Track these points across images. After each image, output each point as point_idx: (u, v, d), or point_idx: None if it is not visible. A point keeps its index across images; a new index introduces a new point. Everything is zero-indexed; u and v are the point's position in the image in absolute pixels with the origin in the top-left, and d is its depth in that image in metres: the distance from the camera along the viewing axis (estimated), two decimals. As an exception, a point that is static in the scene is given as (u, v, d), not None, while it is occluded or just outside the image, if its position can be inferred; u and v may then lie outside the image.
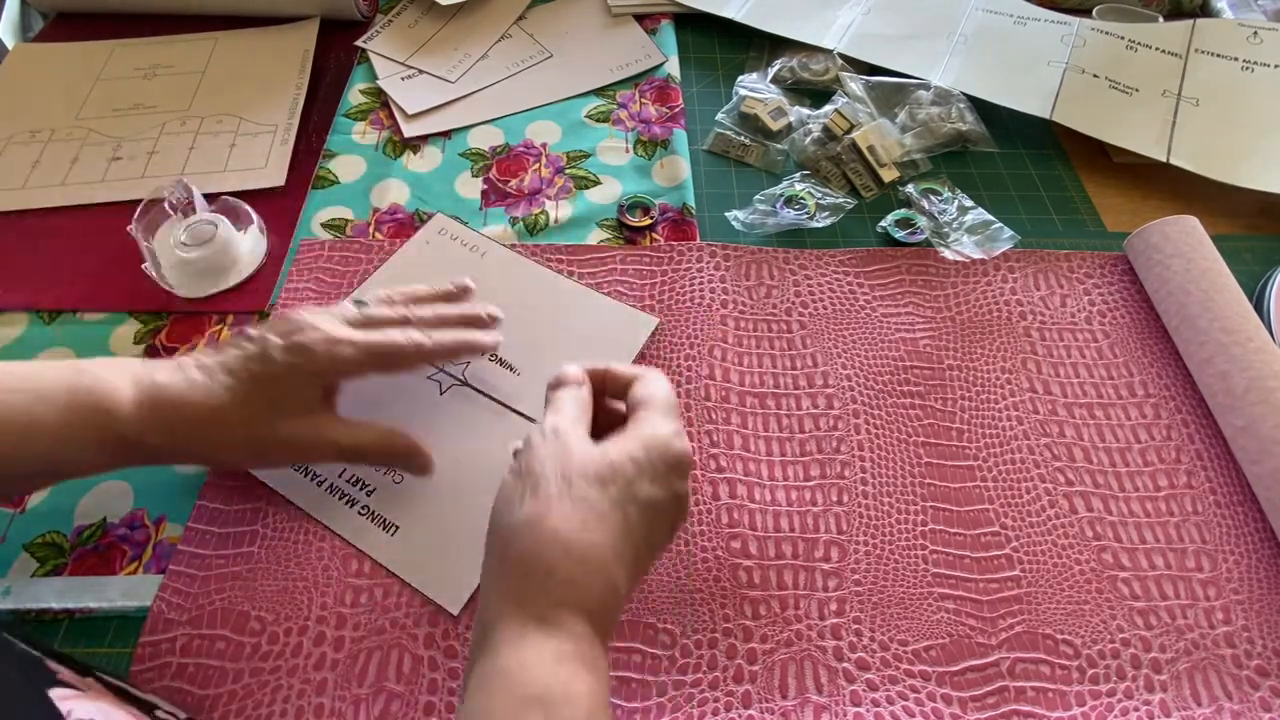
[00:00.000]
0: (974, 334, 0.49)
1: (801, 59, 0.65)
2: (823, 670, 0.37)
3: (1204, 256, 0.48)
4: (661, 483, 0.30)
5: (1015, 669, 0.37)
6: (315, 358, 0.35)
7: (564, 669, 0.25)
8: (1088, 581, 0.40)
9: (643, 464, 0.30)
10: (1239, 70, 0.60)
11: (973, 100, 0.61)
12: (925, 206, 0.55)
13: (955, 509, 0.42)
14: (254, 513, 0.41)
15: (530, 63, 0.67)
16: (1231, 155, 0.56)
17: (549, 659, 0.25)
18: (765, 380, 0.47)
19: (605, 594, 0.27)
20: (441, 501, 0.41)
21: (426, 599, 0.38)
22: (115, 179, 0.57)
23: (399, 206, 0.56)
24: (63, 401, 0.32)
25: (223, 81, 0.65)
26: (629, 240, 0.54)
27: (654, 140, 0.60)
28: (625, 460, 0.30)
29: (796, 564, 0.40)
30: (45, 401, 0.32)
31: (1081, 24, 0.66)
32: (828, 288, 0.51)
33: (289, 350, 0.35)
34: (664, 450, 0.30)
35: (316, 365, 0.35)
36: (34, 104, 0.63)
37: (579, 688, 0.24)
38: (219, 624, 0.37)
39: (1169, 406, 0.46)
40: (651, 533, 0.30)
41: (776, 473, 0.43)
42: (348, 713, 0.35)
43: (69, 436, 0.32)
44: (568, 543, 0.27)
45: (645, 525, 0.29)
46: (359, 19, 0.70)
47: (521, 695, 0.24)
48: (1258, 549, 0.41)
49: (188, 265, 0.49)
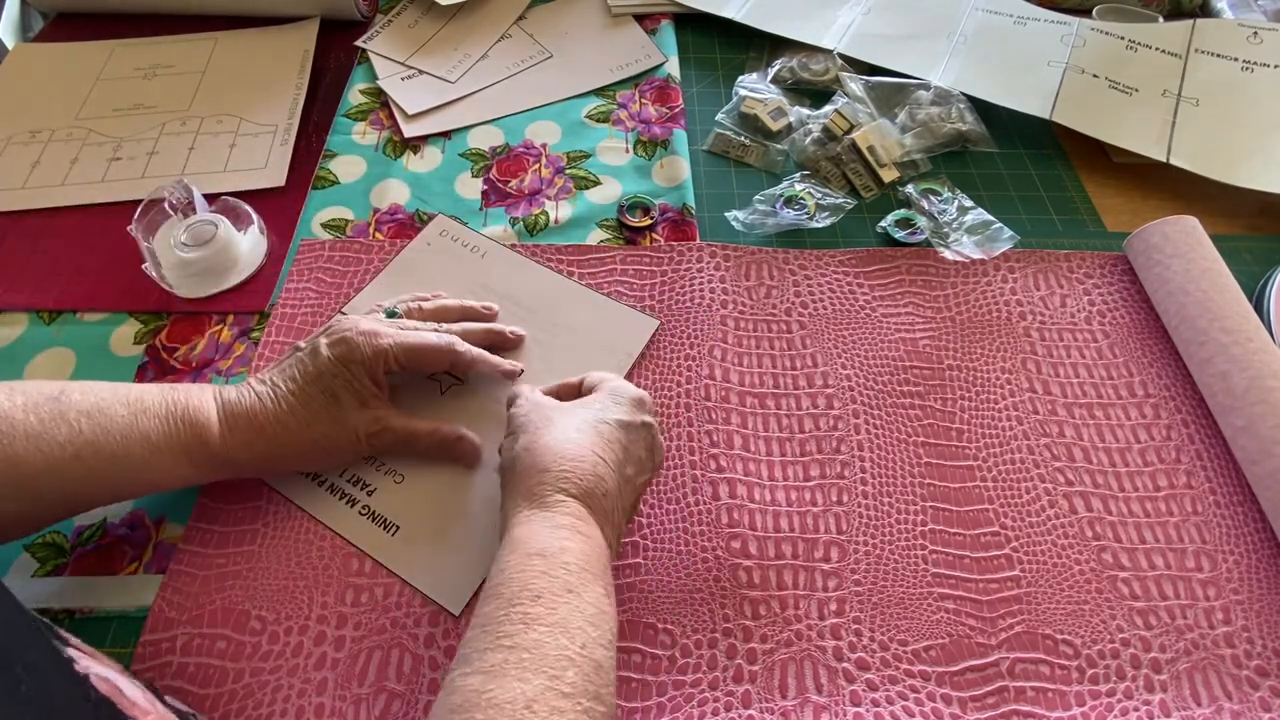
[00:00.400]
0: (974, 334, 0.49)
1: (801, 59, 0.65)
2: (823, 670, 0.37)
3: (1204, 256, 0.48)
4: (626, 410, 0.37)
5: (1015, 669, 0.37)
6: (358, 347, 0.39)
7: (560, 533, 0.31)
8: (1087, 581, 0.40)
9: (608, 401, 0.37)
10: (1239, 70, 0.60)
11: (973, 100, 0.61)
12: (925, 206, 0.55)
13: (955, 509, 0.42)
14: (255, 512, 0.41)
15: (530, 63, 0.67)
16: (1231, 155, 0.56)
17: (548, 527, 0.31)
18: (765, 380, 0.47)
19: (592, 481, 0.33)
20: (442, 501, 0.42)
21: (427, 599, 0.38)
22: (115, 179, 0.57)
23: (399, 207, 0.56)
24: (163, 414, 0.36)
25: (223, 81, 0.65)
26: (629, 240, 0.54)
27: (654, 140, 0.60)
28: (593, 400, 0.38)
29: (796, 564, 0.40)
30: (147, 414, 0.35)
31: (1081, 24, 0.66)
32: (828, 288, 0.51)
33: (333, 345, 0.39)
34: (623, 390, 0.38)
35: (360, 355, 0.39)
36: (34, 104, 0.63)
37: (571, 546, 0.31)
38: (219, 623, 0.37)
39: (1169, 406, 0.46)
40: (630, 445, 0.36)
41: (776, 473, 0.43)
42: (348, 712, 0.35)
43: (165, 448, 0.35)
44: (555, 449, 0.34)
45: (622, 437, 0.36)
46: (359, 19, 0.70)
47: (525, 552, 0.30)
48: (1258, 549, 0.41)
49: (188, 265, 0.49)
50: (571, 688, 0.26)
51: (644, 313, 0.49)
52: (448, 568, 0.39)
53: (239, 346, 0.48)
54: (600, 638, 0.29)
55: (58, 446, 0.33)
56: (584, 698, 0.26)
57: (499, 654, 0.27)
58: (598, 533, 0.33)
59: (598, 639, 0.28)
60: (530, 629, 0.27)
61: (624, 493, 0.35)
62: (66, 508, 0.36)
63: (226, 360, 0.47)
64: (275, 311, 0.49)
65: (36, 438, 0.32)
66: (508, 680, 0.26)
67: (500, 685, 0.26)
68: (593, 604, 0.29)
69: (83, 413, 0.34)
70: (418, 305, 0.46)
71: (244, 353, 0.47)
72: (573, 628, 0.28)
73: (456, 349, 0.42)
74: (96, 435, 0.34)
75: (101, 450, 0.34)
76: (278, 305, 0.49)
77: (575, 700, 0.26)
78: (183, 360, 0.47)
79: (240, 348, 0.48)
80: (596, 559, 0.31)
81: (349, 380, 0.39)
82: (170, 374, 0.46)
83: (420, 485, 0.42)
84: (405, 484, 0.42)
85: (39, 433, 0.33)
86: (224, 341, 0.48)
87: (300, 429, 0.38)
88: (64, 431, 0.33)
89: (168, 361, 0.47)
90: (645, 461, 0.37)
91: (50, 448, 0.33)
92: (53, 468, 0.33)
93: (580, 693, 0.26)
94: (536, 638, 0.27)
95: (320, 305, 0.49)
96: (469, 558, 0.40)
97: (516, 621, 0.28)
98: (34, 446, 0.32)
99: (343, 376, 0.39)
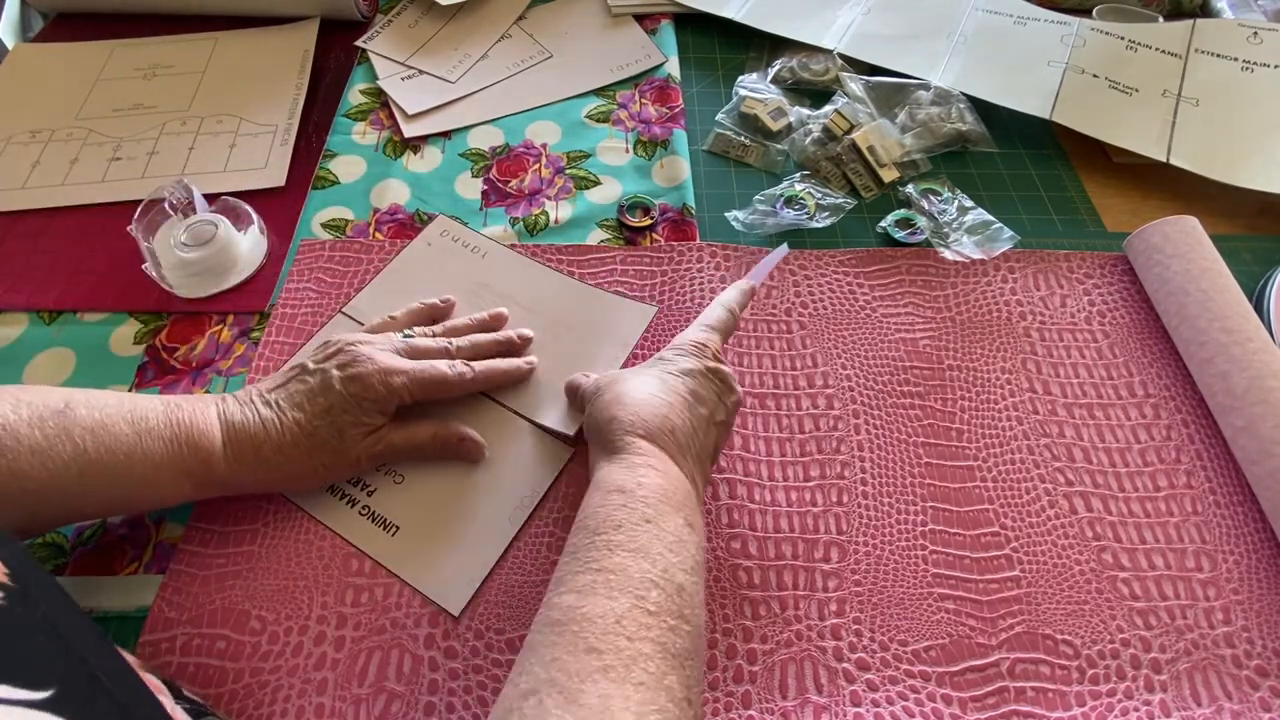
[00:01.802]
0: (974, 334, 0.49)
1: (801, 59, 0.65)
2: (823, 671, 0.37)
3: (1204, 256, 0.48)
4: (687, 358, 0.39)
5: (1015, 669, 0.37)
6: (372, 388, 0.39)
7: (636, 472, 0.33)
8: (1087, 582, 0.40)
9: (668, 354, 0.39)
10: (1239, 70, 0.60)
11: (973, 100, 0.61)
12: (925, 207, 0.55)
13: (955, 509, 0.42)
14: (255, 512, 0.41)
15: (530, 63, 0.67)
16: (1231, 155, 0.56)
17: (624, 468, 0.33)
18: (765, 380, 0.47)
19: (659, 421, 0.35)
20: (442, 502, 0.42)
21: (427, 599, 0.38)
22: (115, 179, 0.57)
23: (399, 207, 0.56)
24: (167, 436, 0.36)
25: (223, 81, 0.65)
26: (629, 240, 0.54)
27: (654, 140, 0.60)
28: (654, 358, 0.40)
29: (796, 564, 0.40)
30: (151, 435, 0.35)
31: (1081, 24, 0.66)
32: (828, 288, 0.51)
33: (347, 382, 0.39)
34: (682, 341, 0.40)
35: (374, 395, 0.39)
36: (34, 104, 0.63)
37: (647, 481, 0.33)
38: (219, 623, 0.37)
39: (1169, 406, 0.46)
40: (697, 388, 0.37)
41: (776, 473, 0.43)
42: (348, 713, 0.35)
43: (168, 469, 0.35)
44: (621, 399, 0.36)
45: (687, 380, 0.37)
46: (359, 19, 0.70)
47: (605, 489, 0.33)
48: (1258, 549, 0.41)
49: (188, 265, 0.49)
50: (657, 606, 0.28)
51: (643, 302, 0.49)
52: (447, 568, 0.39)
53: (239, 346, 0.48)
54: (681, 563, 0.30)
55: (62, 465, 0.33)
56: (669, 616, 0.28)
57: (588, 576, 0.29)
58: (673, 467, 0.34)
59: (679, 564, 0.30)
60: (614, 554, 0.29)
61: (699, 430, 0.37)
62: (66, 519, 0.37)
63: (227, 360, 0.47)
64: (275, 311, 0.49)
65: (42, 454, 0.33)
66: (597, 598, 0.28)
67: (592, 602, 0.28)
68: (672, 533, 0.31)
69: (88, 430, 0.34)
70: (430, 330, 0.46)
71: (244, 353, 0.47)
72: (654, 553, 0.30)
73: (466, 378, 0.42)
74: (101, 454, 0.34)
75: (106, 469, 0.34)
76: (278, 305, 0.49)
77: (661, 618, 0.28)
78: (183, 360, 0.47)
79: (240, 348, 0.48)
80: (674, 492, 0.33)
81: (358, 417, 0.39)
82: (170, 374, 0.46)
83: (420, 486, 0.42)
84: (405, 484, 0.42)
85: (44, 449, 0.33)
86: (224, 341, 0.48)
87: (303, 458, 0.38)
88: (69, 449, 0.33)
89: (168, 361, 0.47)
90: (718, 402, 0.38)
91: (55, 464, 0.33)
92: (56, 484, 0.33)
93: (665, 611, 0.28)
94: (620, 561, 0.29)
95: (320, 305, 0.49)
96: (469, 558, 0.40)
97: (601, 548, 0.30)
98: (39, 462, 0.32)
99: (353, 413, 0.38)
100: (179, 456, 0.36)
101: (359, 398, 0.38)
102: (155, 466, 0.35)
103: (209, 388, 0.46)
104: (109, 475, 0.34)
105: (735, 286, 0.44)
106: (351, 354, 0.40)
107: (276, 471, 0.38)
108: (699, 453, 0.36)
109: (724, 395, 0.38)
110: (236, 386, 0.46)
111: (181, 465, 0.36)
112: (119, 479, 0.34)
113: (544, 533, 0.41)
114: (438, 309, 0.48)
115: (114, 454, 0.34)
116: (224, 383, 0.46)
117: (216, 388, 0.46)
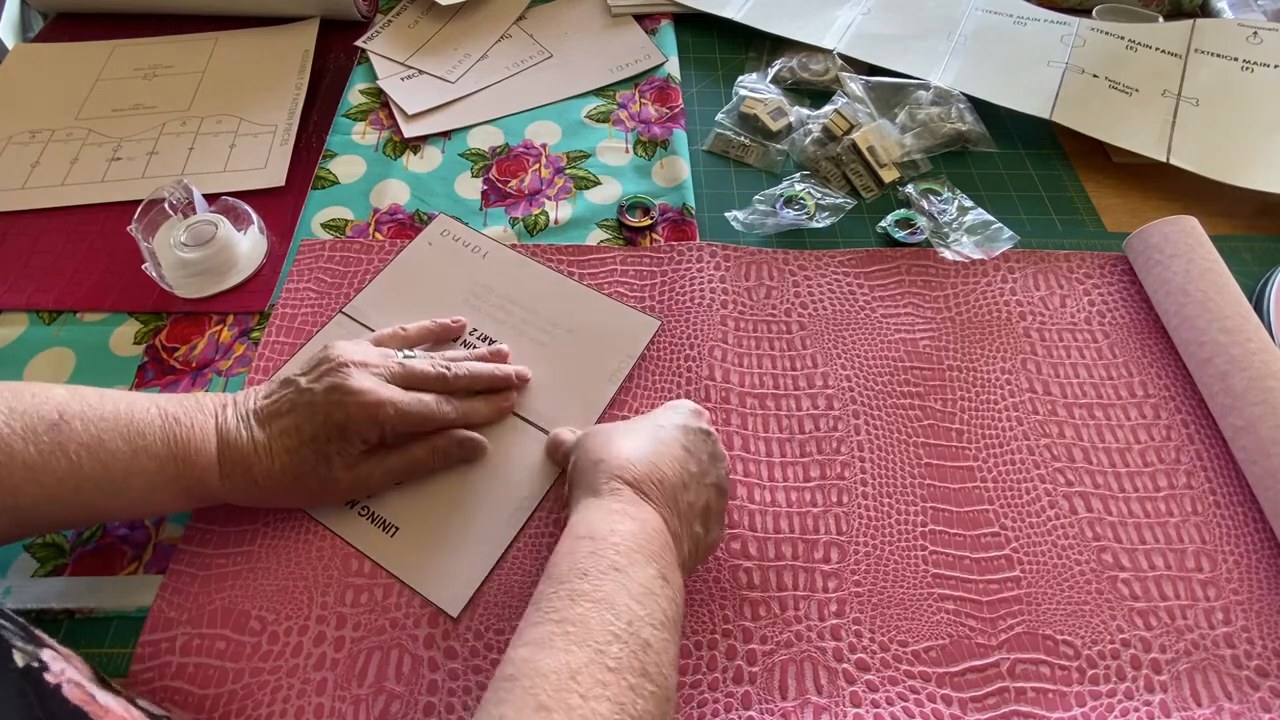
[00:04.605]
0: (974, 334, 0.49)
1: (801, 59, 0.65)
2: (823, 671, 0.37)
3: (1204, 257, 0.48)
4: (683, 416, 0.38)
5: (1015, 670, 0.37)
6: (359, 421, 0.38)
7: (611, 517, 0.32)
8: (1088, 582, 0.40)
9: (664, 410, 0.39)
10: (1239, 70, 0.60)
11: (973, 100, 0.61)
12: (925, 207, 0.55)
13: (955, 509, 0.42)
14: (255, 512, 0.41)
15: (530, 63, 0.67)
16: (1231, 155, 0.56)
17: (600, 513, 0.32)
18: (765, 381, 0.47)
19: (647, 468, 0.34)
20: (441, 503, 0.41)
21: (426, 600, 0.38)
22: (115, 179, 0.57)
23: (399, 207, 0.56)
24: (163, 455, 0.35)
25: (223, 81, 0.65)
26: (629, 240, 0.54)
27: (654, 140, 0.60)
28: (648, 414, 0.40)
29: (796, 565, 0.40)
30: (147, 452, 0.35)
31: (1081, 24, 0.66)
32: (827, 288, 0.51)
33: (332, 408, 0.38)
34: (680, 403, 0.40)
35: (357, 428, 0.38)
36: (34, 104, 0.63)
37: (621, 528, 0.31)
38: (219, 623, 0.37)
39: (1169, 407, 0.46)
40: (689, 445, 0.37)
41: (776, 474, 0.43)
42: (348, 713, 0.35)
43: (163, 486, 0.36)
44: (610, 444, 0.36)
45: (680, 436, 0.37)
46: (359, 19, 0.70)
47: (576, 535, 0.32)
48: (1258, 549, 0.41)
49: (188, 265, 0.49)
50: (617, 662, 0.27)
51: (644, 313, 0.49)
52: (447, 570, 0.39)
53: (239, 347, 0.48)
54: (650, 616, 0.29)
55: (56, 481, 0.33)
56: (630, 674, 0.27)
57: (546, 627, 0.28)
58: (654, 517, 0.33)
59: (646, 617, 0.28)
60: (576, 604, 0.28)
61: (690, 485, 0.35)
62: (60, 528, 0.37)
63: (226, 360, 0.47)
64: (275, 311, 0.49)
65: (36, 470, 0.32)
66: (554, 651, 0.27)
67: (547, 656, 0.26)
68: (641, 583, 0.30)
69: (83, 445, 0.34)
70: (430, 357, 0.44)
71: (244, 353, 0.47)
72: (619, 604, 0.28)
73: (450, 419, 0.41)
74: (96, 471, 0.34)
75: (101, 486, 0.34)
76: (278, 305, 0.49)
77: (621, 675, 0.26)
78: (183, 360, 0.47)
79: (240, 348, 0.48)
80: (650, 541, 0.32)
81: (343, 446, 0.38)
82: (170, 374, 0.46)
83: (420, 487, 0.42)
84: (405, 486, 0.42)
85: (38, 465, 0.32)
86: (224, 342, 0.48)
87: (292, 484, 0.38)
88: (63, 465, 0.33)
89: (167, 361, 0.47)
90: (710, 464, 0.37)
91: (49, 480, 0.33)
92: (50, 498, 0.33)
93: (626, 668, 0.27)
94: (581, 613, 0.28)
95: (320, 305, 0.49)
96: (468, 560, 0.40)
97: (564, 598, 0.29)
98: (33, 478, 0.32)
99: (337, 442, 0.38)
100: (175, 474, 0.35)
101: (342, 426, 0.37)
102: (150, 483, 0.35)
103: (209, 388, 0.46)
104: (104, 490, 0.34)
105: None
106: (343, 377, 0.38)
107: (269, 493, 0.38)
108: (687, 510, 0.35)
109: (715, 461, 0.37)
110: (236, 387, 0.46)
111: (178, 482, 0.36)
112: (114, 495, 0.34)
113: (543, 534, 0.41)
114: (448, 329, 0.47)
115: (110, 471, 0.34)
116: (224, 383, 0.46)
117: (216, 387, 0.46)
